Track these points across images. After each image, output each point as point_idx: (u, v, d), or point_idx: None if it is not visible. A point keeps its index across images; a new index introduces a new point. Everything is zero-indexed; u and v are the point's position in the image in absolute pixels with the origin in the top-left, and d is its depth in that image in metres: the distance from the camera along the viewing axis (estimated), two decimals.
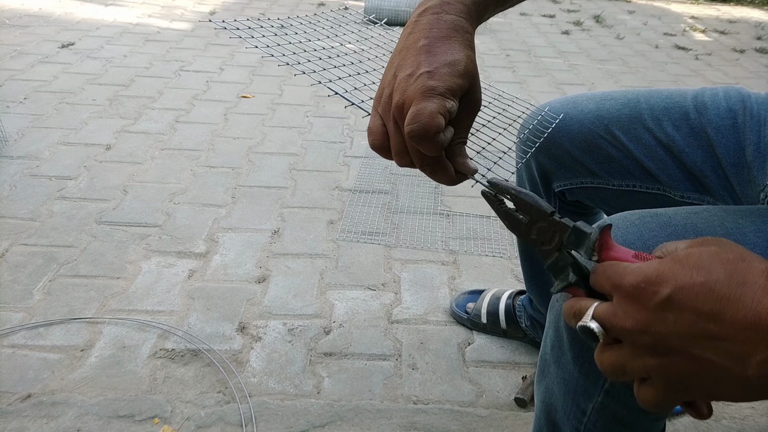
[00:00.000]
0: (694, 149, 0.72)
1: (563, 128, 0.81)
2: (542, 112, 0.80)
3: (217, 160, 1.89)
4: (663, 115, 0.75)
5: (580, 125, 0.80)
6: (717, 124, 0.71)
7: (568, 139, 0.81)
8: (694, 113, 0.73)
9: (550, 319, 0.64)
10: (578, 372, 0.61)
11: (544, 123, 0.81)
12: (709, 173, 0.71)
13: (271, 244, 1.48)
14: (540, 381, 0.70)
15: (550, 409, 0.68)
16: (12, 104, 2.19)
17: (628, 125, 0.76)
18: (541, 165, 0.86)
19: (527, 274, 1.08)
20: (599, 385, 0.60)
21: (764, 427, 1.05)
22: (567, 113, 0.81)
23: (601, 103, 0.80)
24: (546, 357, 0.67)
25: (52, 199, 1.60)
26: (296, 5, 4.24)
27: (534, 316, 1.14)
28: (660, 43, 3.78)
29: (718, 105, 0.73)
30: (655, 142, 0.75)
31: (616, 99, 0.79)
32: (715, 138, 0.71)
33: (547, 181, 0.88)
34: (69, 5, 3.70)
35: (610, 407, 0.61)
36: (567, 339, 0.61)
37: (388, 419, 1.02)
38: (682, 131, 0.73)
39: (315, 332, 1.20)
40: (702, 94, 0.75)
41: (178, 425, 0.98)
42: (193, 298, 1.27)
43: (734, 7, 5.22)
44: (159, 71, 2.66)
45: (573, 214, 0.92)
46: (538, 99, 2.61)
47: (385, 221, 1.61)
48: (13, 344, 1.13)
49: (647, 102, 0.77)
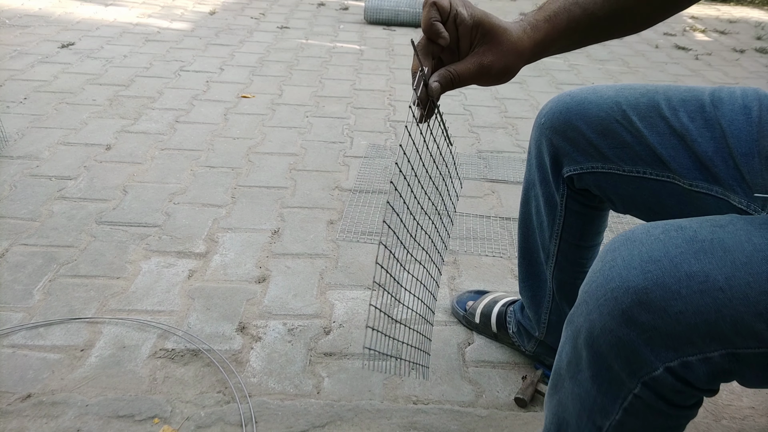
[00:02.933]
0: (706, 140, 0.73)
1: (581, 111, 0.84)
2: None
3: (217, 160, 1.89)
4: (679, 105, 0.77)
5: (598, 109, 0.82)
6: (731, 118, 0.73)
7: (584, 122, 0.83)
8: (710, 106, 0.75)
9: (567, 335, 0.62)
10: (596, 390, 0.60)
11: None
12: (720, 164, 0.72)
13: (271, 244, 1.48)
14: (552, 395, 0.69)
15: (561, 423, 0.67)
16: (12, 104, 2.20)
17: (645, 112, 0.79)
18: (554, 147, 0.88)
19: (523, 273, 1.07)
20: (618, 403, 0.58)
21: (764, 427, 1.05)
22: (586, 98, 0.84)
23: (620, 90, 0.83)
24: (561, 372, 0.65)
25: (52, 199, 1.60)
26: (296, 5, 4.24)
27: (522, 322, 1.12)
28: (660, 43, 3.78)
29: (734, 101, 0.74)
30: (669, 130, 0.76)
31: (635, 89, 0.82)
32: (727, 129, 0.72)
33: (557, 165, 0.90)
34: (69, 5, 3.70)
35: (628, 425, 0.60)
36: (586, 357, 0.59)
37: (388, 419, 1.02)
38: (697, 122, 0.75)
39: (315, 332, 1.20)
40: (720, 90, 0.77)
41: (178, 425, 0.98)
42: (193, 298, 1.27)
43: (734, 7, 5.22)
44: (159, 71, 2.66)
45: (580, 204, 0.93)
46: (538, 99, 2.61)
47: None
48: (13, 344, 1.13)
49: (665, 93, 0.79)
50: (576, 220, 0.94)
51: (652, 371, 0.54)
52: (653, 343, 0.53)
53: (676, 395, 0.56)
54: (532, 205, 1.00)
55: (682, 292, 0.51)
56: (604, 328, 0.55)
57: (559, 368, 0.66)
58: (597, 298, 0.56)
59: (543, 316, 1.05)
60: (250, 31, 3.47)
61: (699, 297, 0.51)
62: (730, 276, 0.51)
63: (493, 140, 2.18)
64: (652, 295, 0.52)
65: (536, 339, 1.10)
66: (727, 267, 0.52)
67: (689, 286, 0.51)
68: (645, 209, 0.82)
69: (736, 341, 0.51)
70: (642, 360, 0.54)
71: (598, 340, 0.56)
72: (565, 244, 0.97)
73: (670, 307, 0.51)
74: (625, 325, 0.53)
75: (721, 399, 1.09)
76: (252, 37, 3.34)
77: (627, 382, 0.57)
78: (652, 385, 0.55)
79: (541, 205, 0.96)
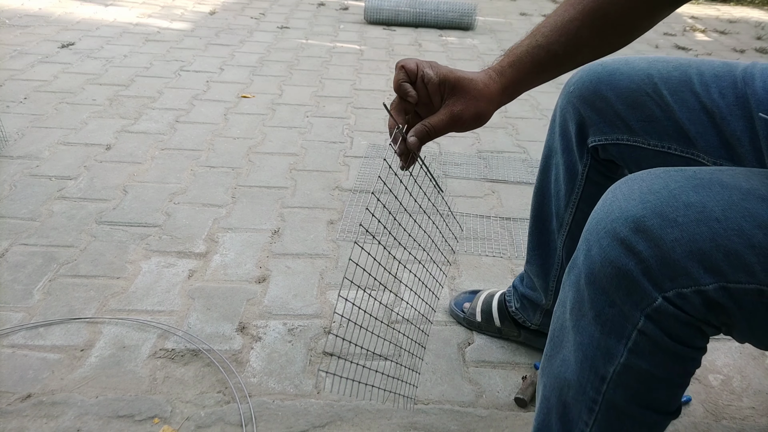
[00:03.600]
0: (736, 118, 0.73)
1: (612, 81, 0.83)
2: None
3: (217, 160, 1.89)
4: (712, 81, 0.76)
5: (630, 80, 0.82)
6: (761, 97, 0.72)
7: (614, 93, 0.82)
8: (741, 83, 0.75)
9: (570, 281, 0.63)
10: (599, 332, 0.60)
11: None
12: (746, 144, 0.72)
13: (271, 244, 1.48)
14: (551, 359, 0.68)
15: (562, 387, 0.66)
16: (12, 104, 2.20)
17: (676, 87, 0.78)
18: (581, 116, 0.87)
19: (534, 242, 1.07)
20: (622, 343, 0.58)
21: (764, 427, 1.05)
22: (618, 69, 0.84)
23: (653, 63, 0.82)
24: (564, 325, 0.65)
25: (52, 199, 1.60)
26: (296, 5, 4.24)
27: (525, 293, 1.12)
28: (660, 43, 3.78)
29: (765, 78, 0.73)
30: (699, 107, 0.76)
31: (668, 62, 0.82)
32: (756, 110, 0.72)
33: (582, 134, 0.89)
34: (69, 5, 3.70)
35: (633, 368, 0.59)
36: (588, 297, 0.59)
37: (388, 419, 1.02)
38: (728, 99, 0.74)
39: (315, 332, 1.20)
40: (753, 66, 0.77)
41: (178, 425, 0.98)
42: (193, 298, 1.27)
43: (734, 7, 5.22)
44: (159, 71, 2.66)
45: (602, 175, 0.93)
46: (539, 99, 2.61)
47: (385, 221, 1.61)
48: (13, 344, 1.13)
49: (698, 68, 0.79)
50: (595, 190, 0.93)
51: (652, 302, 0.55)
52: (651, 272, 0.54)
53: (681, 329, 0.56)
54: (551, 172, 0.99)
55: (679, 220, 0.53)
56: (604, 261, 0.56)
57: (562, 322, 0.66)
58: (597, 232, 0.58)
59: (551, 283, 1.06)
60: (250, 31, 3.47)
61: (695, 226, 0.53)
62: (727, 208, 0.53)
63: (493, 140, 2.18)
64: (649, 223, 0.54)
65: (542, 309, 1.10)
66: (724, 200, 0.54)
67: (686, 215, 0.53)
68: None
69: (729, 273, 0.52)
70: (641, 291, 0.55)
71: (599, 275, 0.57)
72: (581, 214, 0.97)
73: (666, 235, 0.53)
74: (624, 255, 0.55)
75: (722, 399, 1.09)
76: (252, 37, 3.34)
77: (630, 317, 0.57)
78: (655, 318, 0.55)
79: (561, 173, 0.96)
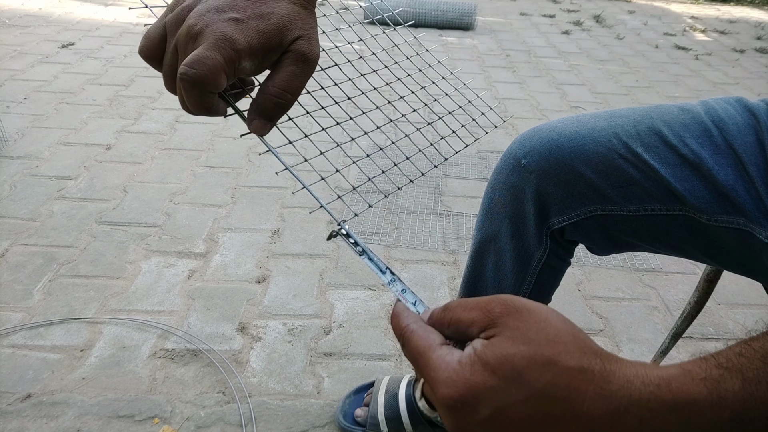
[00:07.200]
0: (723, 167, 0.66)
1: (575, 148, 0.71)
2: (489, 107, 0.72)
3: (217, 160, 1.89)
4: (683, 131, 0.68)
5: (596, 144, 0.70)
6: (742, 141, 0.66)
7: (582, 162, 0.71)
8: (715, 129, 0.68)
9: None
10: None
11: None
12: (742, 192, 0.65)
13: (271, 244, 1.48)
14: None
15: None
16: (12, 104, 2.20)
17: (648, 142, 0.69)
18: (541, 194, 0.73)
19: None
20: None
21: None
22: (576, 132, 0.72)
23: (611, 120, 0.72)
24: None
25: (52, 199, 1.60)
26: None
27: None
28: (660, 43, 3.78)
29: (735, 119, 0.68)
30: (680, 161, 0.68)
31: (626, 116, 0.72)
32: (744, 156, 0.66)
33: (543, 216, 0.75)
34: (69, 5, 3.70)
35: None
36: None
37: None
38: (708, 149, 0.67)
39: (315, 332, 1.20)
40: (712, 108, 0.70)
41: (178, 425, 0.98)
42: (193, 298, 1.27)
43: (734, 7, 5.22)
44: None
45: (560, 260, 0.81)
46: (539, 99, 2.61)
47: (385, 221, 1.61)
48: (13, 344, 1.13)
49: (661, 118, 0.70)
50: (550, 277, 0.81)
51: None
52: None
53: None
54: (488, 261, 0.82)
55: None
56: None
57: None
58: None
59: None
60: None
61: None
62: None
63: (493, 140, 2.18)
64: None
65: None
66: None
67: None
68: (649, 240, 0.73)
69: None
70: None
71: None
72: None
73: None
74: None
75: None
76: None
77: None
78: None
79: (507, 262, 0.80)
